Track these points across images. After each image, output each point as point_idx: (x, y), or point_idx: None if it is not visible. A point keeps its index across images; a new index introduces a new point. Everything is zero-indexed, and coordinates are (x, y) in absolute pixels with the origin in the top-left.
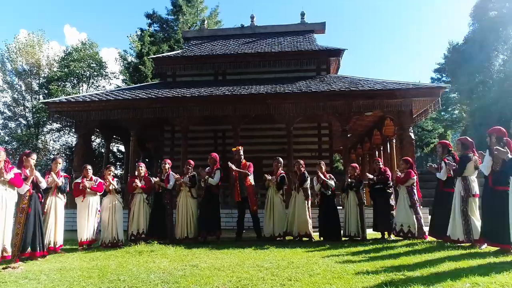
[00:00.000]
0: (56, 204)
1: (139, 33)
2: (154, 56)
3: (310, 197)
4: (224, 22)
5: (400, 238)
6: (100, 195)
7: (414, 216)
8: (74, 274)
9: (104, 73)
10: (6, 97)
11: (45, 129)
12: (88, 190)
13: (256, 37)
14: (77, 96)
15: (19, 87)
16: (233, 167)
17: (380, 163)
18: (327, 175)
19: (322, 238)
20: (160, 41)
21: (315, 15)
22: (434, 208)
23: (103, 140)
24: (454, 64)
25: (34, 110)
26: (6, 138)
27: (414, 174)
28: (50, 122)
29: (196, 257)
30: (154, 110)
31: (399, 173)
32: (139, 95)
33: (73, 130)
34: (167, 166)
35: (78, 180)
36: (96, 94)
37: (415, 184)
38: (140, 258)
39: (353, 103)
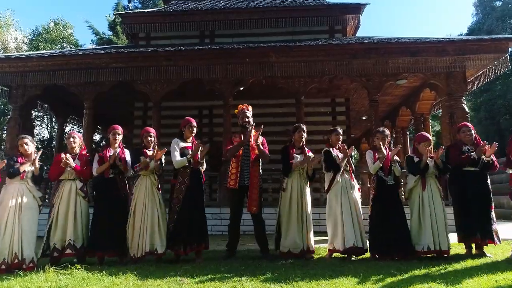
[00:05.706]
0: None
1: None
2: (123, 12)
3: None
4: None
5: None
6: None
7: None
8: None
9: None
10: None
11: None
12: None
13: None
14: (10, 54)
15: None
16: (254, 142)
17: (473, 132)
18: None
19: (375, 255)
20: None
21: None
22: None
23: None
24: None
25: None
26: None
27: None
28: None
29: None
30: (114, 71)
31: None
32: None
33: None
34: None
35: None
36: (38, 52)
37: None
38: None
39: (388, 63)
